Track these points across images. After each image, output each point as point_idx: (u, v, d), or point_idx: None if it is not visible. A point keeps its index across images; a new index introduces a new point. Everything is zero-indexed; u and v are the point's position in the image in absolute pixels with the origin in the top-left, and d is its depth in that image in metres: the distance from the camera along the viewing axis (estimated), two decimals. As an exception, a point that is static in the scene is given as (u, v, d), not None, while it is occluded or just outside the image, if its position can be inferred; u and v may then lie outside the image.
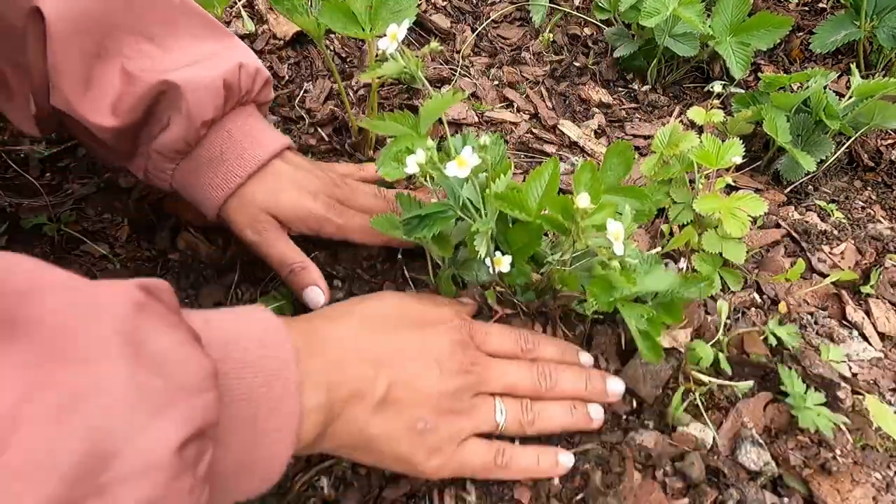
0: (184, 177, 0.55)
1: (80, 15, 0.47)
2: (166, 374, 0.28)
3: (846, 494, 0.50)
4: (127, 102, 0.50)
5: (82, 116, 0.49)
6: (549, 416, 0.50)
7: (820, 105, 0.76)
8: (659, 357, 0.50)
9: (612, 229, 0.44)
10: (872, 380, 0.59)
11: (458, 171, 0.44)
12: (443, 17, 1.00)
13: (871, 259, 0.72)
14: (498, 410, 0.49)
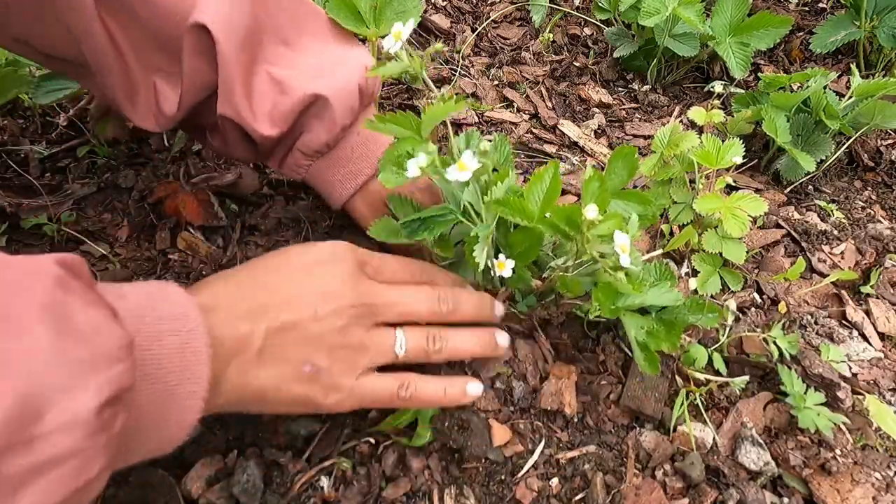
0: (318, 172, 0.60)
1: (241, 29, 0.51)
2: (87, 344, 0.31)
3: (846, 494, 0.50)
4: (280, 111, 0.54)
5: (250, 126, 0.53)
6: (455, 343, 0.50)
7: (820, 105, 0.76)
8: (656, 370, 0.50)
9: (619, 241, 0.44)
10: (872, 380, 0.59)
11: (459, 174, 0.44)
12: (443, 17, 1.00)
13: (871, 259, 0.72)
14: (398, 342, 0.48)
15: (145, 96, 0.55)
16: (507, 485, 0.49)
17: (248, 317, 0.43)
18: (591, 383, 0.56)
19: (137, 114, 0.55)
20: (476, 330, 0.53)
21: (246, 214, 0.69)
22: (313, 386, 0.44)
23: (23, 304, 0.29)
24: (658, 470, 0.51)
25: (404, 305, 0.50)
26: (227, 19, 0.50)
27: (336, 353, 0.45)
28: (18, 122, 0.76)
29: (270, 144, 0.57)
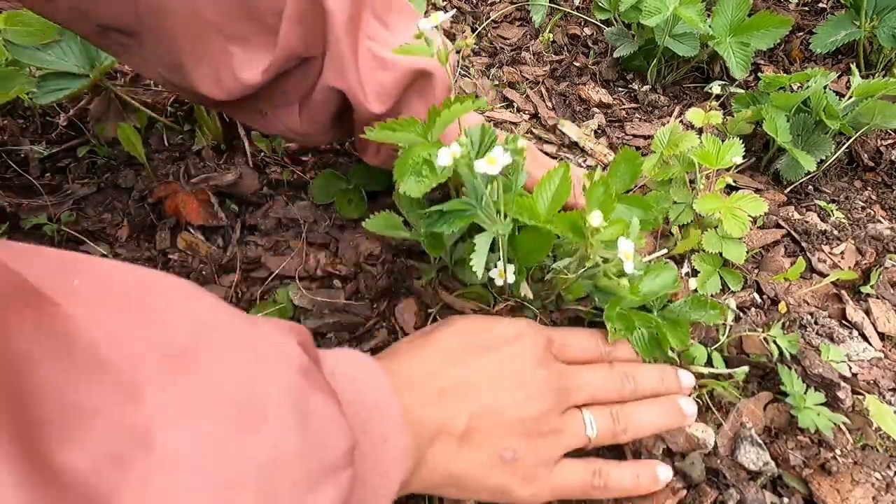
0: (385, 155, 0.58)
1: (352, 3, 0.49)
2: (324, 446, 0.29)
3: (846, 494, 0.50)
4: (385, 87, 0.52)
5: (359, 102, 0.51)
6: (641, 420, 0.49)
7: (820, 105, 0.76)
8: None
9: (623, 248, 0.44)
10: (872, 380, 0.59)
11: (488, 168, 0.43)
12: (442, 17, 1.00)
13: (871, 259, 0.72)
14: (588, 424, 0.47)
15: (218, 62, 0.52)
16: (507, 485, 0.49)
17: (449, 397, 0.42)
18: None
19: (203, 80, 0.52)
20: (658, 402, 0.51)
21: (246, 214, 0.69)
22: (511, 475, 0.43)
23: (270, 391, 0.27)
24: (658, 470, 0.51)
25: (593, 387, 0.49)
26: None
27: (534, 440, 0.44)
28: (18, 122, 0.76)
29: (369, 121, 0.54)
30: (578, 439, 0.47)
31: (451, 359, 0.45)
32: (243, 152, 0.74)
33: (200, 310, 0.28)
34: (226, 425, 0.25)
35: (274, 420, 0.26)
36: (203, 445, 0.24)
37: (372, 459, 0.36)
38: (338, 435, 0.31)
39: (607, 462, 0.48)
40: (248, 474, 0.25)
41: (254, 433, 0.26)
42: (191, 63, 0.51)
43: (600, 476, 0.46)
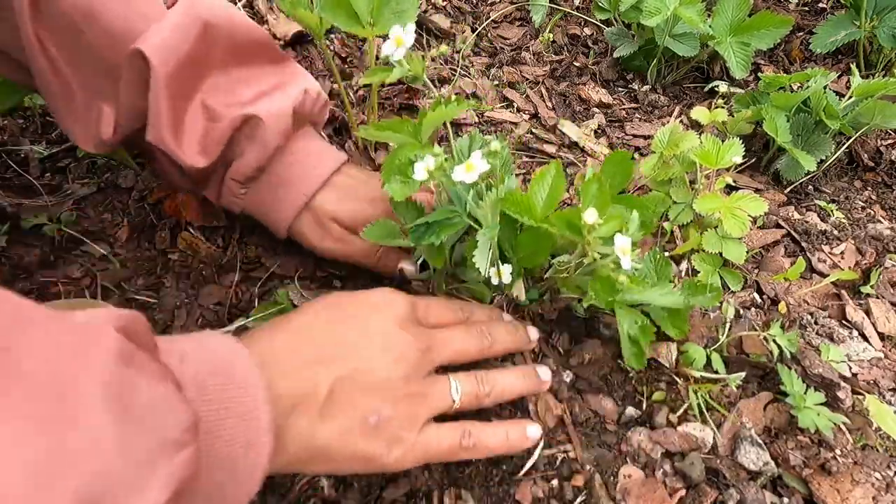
0: (256, 199, 0.58)
1: (179, 60, 0.50)
2: (151, 429, 0.29)
3: (846, 494, 0.50)
4: (212, 139, 0.53)
5: (177, 156, 0.52)
6: (504, 384, 0.50)
7: (820, 105, 0.76)
8: (642, 364, 0.51)
9: (619, 244, 0.44)
10: (872, 380, 0.59)
11: (466, 175, 0.43)
12: (443, 17, 1.00)
13: (871, 259, 0.72)
14: (453, 388, 0.47)
15: (85, 117, 0.54)
16: (507, 485, 0.49)
17: (309, 367, 0.42)
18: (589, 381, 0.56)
19: (77, 134, 0.54)
20: (519, 368, 0.53)
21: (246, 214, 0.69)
22: (377, 440, 0.42)
23: (82, 383, 0.27)
24: (658, 470, 0.51)
25: (455, 345, 0.49)
26: (168, 48, 0.49)
27: (400, 403, 0.44)
28: (18, 122, 0.76)
29: (201, 175, 0.56)
30: (444, 402, 0.47)
31: (315, 331, 0.45)
32: (243, 152, 0.74)
33: (6, 309, 0.27)
34: (36, 426, 0.24)
35: (88, 412, 0.26)
36: (11, 447, 0.23)
37: (238, 438, 0.36)
38: (170, 415, 0.30)
39: (476, 423, 0.48)
40: (64, 470, 0.24)
41: (66, 427, 0.25)
42: (65, 115, 0.54)
43: (469, 436, 0.46)
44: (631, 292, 0.49)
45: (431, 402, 0.46)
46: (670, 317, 0.54)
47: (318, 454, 0.41)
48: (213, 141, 0.53)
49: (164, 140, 0.51)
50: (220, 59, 0.54)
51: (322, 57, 0.87)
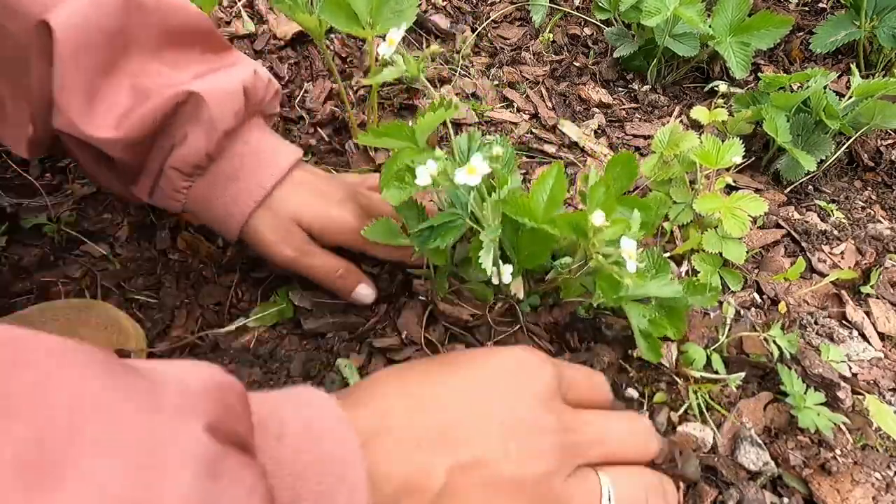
0: (201, 194, 0.51)
1: (90, 29, 0.44)
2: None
3: (846, 494, 0.50)
4: (136, 116, 0.46)
5: (84, 133, 0.45)
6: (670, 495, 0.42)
7: (820, 105, 0.76)
8: (658, 356, 0.51)
9: (625, 247, 0.44)
10: (872, 380, 0.59)
11: (468, 178, 0.42)
12: (443, 17, 1.00)
13: (871, 259, 0.72)
14: (603, 492, 0.37)
15: (14, 118, 0.47)
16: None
17: (427, 448, 0.34)
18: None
19: (9, 138, 0.48)
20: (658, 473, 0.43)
21: (246, 214, 0.69)
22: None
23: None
24: (658, 470, 0.51)
25: (614, 442, 0.40)
26: (79, 17, 0.43)
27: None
28: (18, 123, 0.76)
29: (130, 162, 0.48)
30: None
31: (433, 400, 0.37)
32: (243, 152, 0.74)
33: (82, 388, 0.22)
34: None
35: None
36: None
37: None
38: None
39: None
40: None
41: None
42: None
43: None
44: (632, 287, 0.49)
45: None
46: (668, 317, 0.54)
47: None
48: (137, 118, 0.46)
49: (72, 121, 0.44)
50: (151, 42, 0.48)
51: (322, 57, 0.87)
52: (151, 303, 0.60)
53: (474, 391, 0.38)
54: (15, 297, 0.59)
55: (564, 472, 0.37)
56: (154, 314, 0.60)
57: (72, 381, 0.22)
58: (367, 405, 0.36)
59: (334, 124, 0.78)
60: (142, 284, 0.62)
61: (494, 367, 0.39)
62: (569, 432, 0.37)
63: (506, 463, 0.35)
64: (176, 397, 0.25)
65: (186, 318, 0.59)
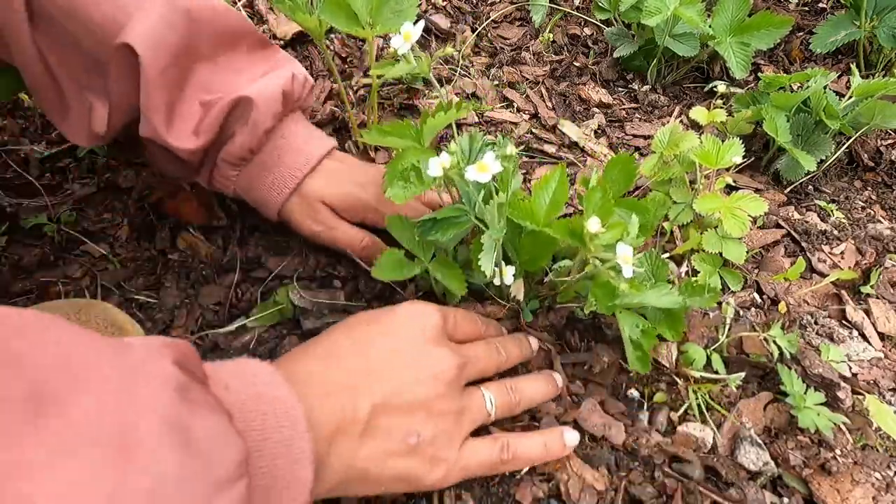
0: (247, 181, 0.59)
1: (167, 51, 0.50)
2: (209, 464, 0.28)
3: (846, 494, 0.50)
4: (206, 124, 0.54)
5: (169, 143, 0.52)
6: (530, 391, 0.51)
7: (820, 105, 0.76)
8: (646, 368, 0.51)
9: (621, 253, 0.44)
10: (872, 380, 0.59)
11: (479, 175, 0.43)
12: (443, 17, 1.00)
13: (871, 259, 0.72)
14: (487, 401, 0.47)
15: (77, 112, 0.54)
16: (507, 485, 0.49)
17: (347, 391, 0.41)
18: (590, 383, 0.56)
19: (69, 129, 0.55)
20: (539, 375, 0.53)
21: (246, 214, 0.69)
22: (419, 460, 0.42)
23: (143, 420, 0.26)
24: (658, 470, 0.51)
25: (482, 361, 0.49)
26: (156, 39, 0.49)
27: (439, 422, 0.43)
28: (18, 122, 0.76)
29: (196, 159, 0.56)
30: (481, 416, 0.47)
31: (348, 353, 0.44)
32: (243, 152, 0.74)
33: (62, 342, 0.27)
34: (97, 465, 0.24)
35: (148, 449, 0.25)
36: (75, 490, 0.23)
37: (278, 466, 0.35)
38: (226, 449, 0.30)
39: (513, 434, 0.48)
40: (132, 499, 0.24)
41: (129, 466, 0.25)
42: (55, 110, 0.54)
43: (508, 450, 0.46)
44: (629, 295, 0.49)
45: (469, 418, 0.45)
46: (667, 319, 0.54)
47: (359, 477, 0.41)
48: (206, 127, 0.54)
49: (158, 132, 0.52)
50: (206, 48, 0.54)
51: (322, 57, 0.87)
52: (151, 303, 0.60)
53: (378, 339, 0.45)
54: (15, 297, 0.59)
55: (458, 389, 0.46)
56: (154, 314, 0.60)
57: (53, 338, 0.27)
58: (293, 367, 0.42)
59: (334, 124, 0.78)
60: (142, 284, 0.62)
61: (394, 319, 0.47)
62: (455, 359, 0.46)
63: (415, 389, 0.43)
64: (142, 348, 0.30)
65: (186, 318, 0.59)
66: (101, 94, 0.53)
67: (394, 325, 0.47)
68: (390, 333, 0.46)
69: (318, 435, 0.38)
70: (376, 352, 0.44)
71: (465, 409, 0.45)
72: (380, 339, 0.45)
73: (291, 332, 0.59)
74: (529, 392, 0.51)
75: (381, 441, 0.41)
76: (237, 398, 0.35)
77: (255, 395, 0.36)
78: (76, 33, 0.50)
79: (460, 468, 0.44)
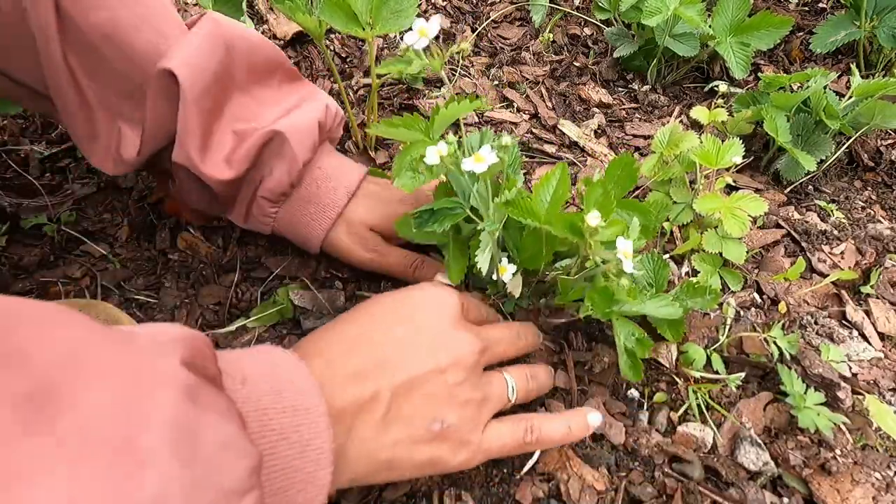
0: (287, 216, 0.58)
1: (206, 77, 0.50)
2: (218, 473, 0.27)
3: (846, 494, 0.50)
4: (239, 155, 0.53)
5: (199, 170, 0.52)
6: (541, 380, 0.51)
7: (820, 105, 0.76)
8: (639, 376, 0.51)
9: (622, 248, 0.44)
10: (872, 380, 0.59)
11: (475, 166, 0.44)
12: (443, 17, 1.00)
13: (871, 259, 0.72)
14: (509, 386, 0.48)
15: (106, 139, 0.54)
16: (507, 485, 0.49)
17: (368, 375, 0.41)
18: (591, 382, 0.56)
19: (96, 155, 0.54)
20: (542, 365, 0.54)
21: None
22: (442, 445, 0.42)
23: (149, 424, 0.25)
24: (658, 470, 0.51)
25: (502, 345, 0.49)
26: (196, 65, 0.49)
27: (462, 407, 0.43)
28: (18, 122, 0.76)
29: (228, 193, 0.55)
30: (502, 401, 0.47)
31: (369, 336, 0.44)
32: (243, 152, 0.74)
33: (68, 336, 0.25)
34: (101, 471, 0.23)
35: (155, 457, 0.24)
36: (77, 497, 0.22)
37: (294, 468, 0.34)
38: (236, 457, 0.29)
39: (537, 416, 0.48)
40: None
41: (134, 475, 0.23)
42: (83, 135, 0.53)
43: (532, 432, 0.46)
44: (629, 303, 0.49)
45: (491, 403, 0.46)
46: (668, 321, 0.54)
47: (383, 466, 0.40)
48: (239, 158, 0.53)
49: (191, 159, 0.51)
50: (241, 79, 0.55)
51: (322, 57, 0.87)
52: (151, 303, 0.60)
53: (398, 323, 0.45)
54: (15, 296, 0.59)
55: (479, 374, 0.45)
56: (154, 314, 0.60)
57: (60, 333, 0.25)
58: (313, 355, 0.41)
59: (334, 124, 0.78)
60: (142, 284, 0.62)
61: (412, 302, 0.47)
62: (476, 343, 0.45)
63: (437, 374, 0.42)
64: (150, 342, 0.29)
65: (186, 318, 0.59)
66: (132, 121, 0.53)
67: (413, 308, 0.46)
68: (410, 318, 0.45)
69: (338, 424, 0.38)
70: (396, 337, 0.44)
71: (488, 394, 0.45)
72: (401, 323, 0.45)
73: (291, 332, 0.59)
74: (542, 380, 0.51)
75: (404, 429, 0.41)
76: (254, 394, 0.35)
77: (275, 390, 0.36)
78: (114, 59, 0.50)
79: (484, 451, 0.44)
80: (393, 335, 0.44)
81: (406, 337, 0.44)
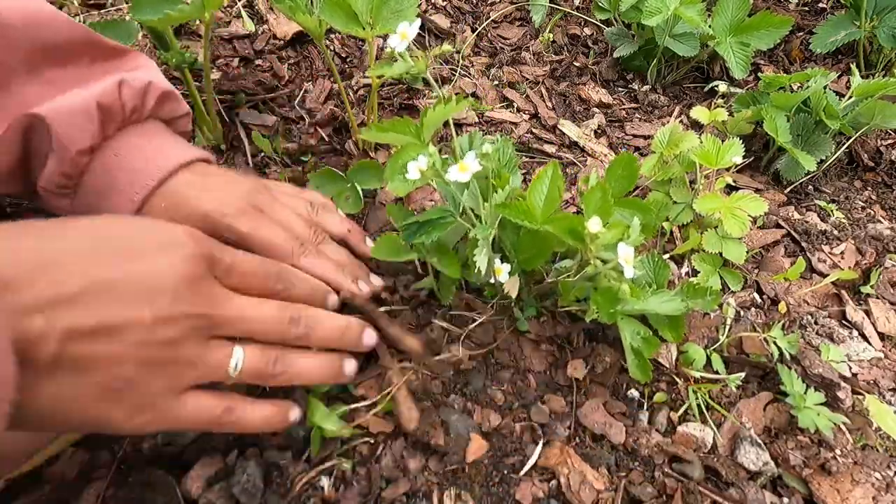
0: (88, 210, 0.50)
1: None
2: None
3: (846, 494, 0.50)
4: (3, 144, 0.46)
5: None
6: (301, 369, 0.46)
7: (820, 105, 0.76)
8: (647, 376, 0.51)
9: (623, 254, 0.44)
10: (872, 380, 0.59)
11: (460, 175, 0.44)
12: (443, 17, 1.00)
13: (871, 259, 0.72)
14: (233, 362, 0.42)
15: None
16: (507, 485, 0.49)
17: (44, 308, 0.33)
18: (591, 382, 0.56)
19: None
20: (322, 355, 0.48)
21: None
22: (116, 406, 0.36)
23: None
24: (658, 470, 0.51)
25: (249, 323, 0.43)
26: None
27: (157, 369, 0.38)
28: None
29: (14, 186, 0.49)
30: (216, 374, 0.41)
31: (76, 260, 0.36)
32: (243, 152, 0.74)
33: None
34: None
35: None
36: None
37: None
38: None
39: (243, 399, 0.44)
40: None
41: None
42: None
43: (232, 413, 0.42)
44: (631, 302, 0.49)
45: (199, 371, 0.40)
46: (668, 321, 0.54)
47: (37, 416, 0.35)
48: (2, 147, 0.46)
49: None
50: (24, 61, 0.47)
51: (322, 57, 0.87)
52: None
53: (115, 253, 0.38)
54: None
55: (195, 340, 0.40)
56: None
57: None
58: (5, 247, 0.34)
59: (334, 124, 0.78)
60: None
61: (143, 234, 0.40)
62: (205, 306, 0.40)
63: (136, 328, 0.36)
64: None
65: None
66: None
67: (144, 241, 0.40)
68: (137, 257, 0.38)
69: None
70: (110, 273, 0.37)
71: (198, 362, 0.40)
72: (122, 259, 0.38)
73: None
74: (299, 368, 0.46)
75: (72, 381, 0.35)
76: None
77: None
78: None
79: (170, 418, 0.39)
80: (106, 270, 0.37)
81: (122, 277, 0.37)
